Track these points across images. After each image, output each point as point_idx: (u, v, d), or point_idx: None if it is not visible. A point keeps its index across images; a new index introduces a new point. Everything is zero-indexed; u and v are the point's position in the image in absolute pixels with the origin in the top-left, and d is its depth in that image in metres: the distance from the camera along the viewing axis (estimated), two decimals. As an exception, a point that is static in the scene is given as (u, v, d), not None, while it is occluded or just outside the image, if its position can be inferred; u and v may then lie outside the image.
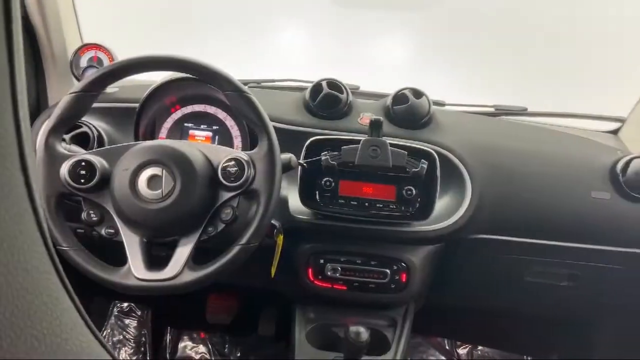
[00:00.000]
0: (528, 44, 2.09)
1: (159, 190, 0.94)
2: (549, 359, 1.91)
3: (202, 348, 1.96)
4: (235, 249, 0.94)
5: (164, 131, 1.28)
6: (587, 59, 2.02)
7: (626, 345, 1.56)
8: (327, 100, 1.32)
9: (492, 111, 1.56)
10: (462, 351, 2.02)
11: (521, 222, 1.30)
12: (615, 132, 1.57)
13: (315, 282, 1.27)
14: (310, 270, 1.27)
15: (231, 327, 1.95)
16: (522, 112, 1.55)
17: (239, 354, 1.94)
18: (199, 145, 1.02)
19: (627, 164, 1.28)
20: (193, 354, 1.95)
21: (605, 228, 1.29)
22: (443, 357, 1.99)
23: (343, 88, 1.35)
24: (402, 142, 1.20)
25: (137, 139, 1.25)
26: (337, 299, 1.30)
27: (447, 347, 2.03)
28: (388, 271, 1.26)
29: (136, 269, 0.93)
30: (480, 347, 2.02)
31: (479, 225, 1.27)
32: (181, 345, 1.97)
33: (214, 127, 1.29)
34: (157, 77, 1.24)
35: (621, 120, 1.55)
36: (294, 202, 1.21)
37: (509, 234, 1.31)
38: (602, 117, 1.59)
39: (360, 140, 1.14)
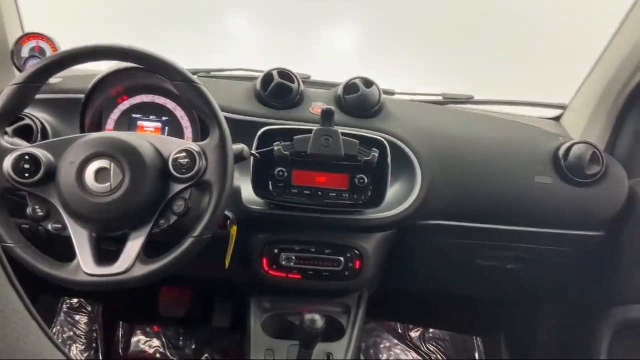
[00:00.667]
0: (474, 34, 2.13)
1: (107, 184, 0.91)
2: (497, 339, 1.98)
3: (155, 342, 1.94)
4: (188, 241, 0.93)
5: (110, 123, 1.25)
6: (531, 48, 2.09)
7: (569, 325, 1.63)
8: (279, 90, 1.31)
9: (439, 99, 1.60)
10: (414, 334, 2.06)
11: (469, 207, 1.34)
12: (557, 118, 1.63)
13: (270, 271, 1.27)
14: (264, 260, 1.27)
15: (185, 319, 1.93)
16: (469, 100, 1.60)
17: (193, 346, 1.93)
18: (148, 137, 1.00)
19: (569, 149, 1.34)
20: (147, 348, 1.92)
21: (548, 211, 1.34)
22: (396, 341, 2.03)
23: (294, 77, 1.34)
24: (353, 131, 1.22)
25: (82, 131, 1.22)
26: (292, 288, 1.31)
27: (399, 331, 2.07)
28: (342, 259, 1.27)
29: (85, 265, 0.91)
30: (431, 330, 2.07)
31: (429, 211, 1.30)
32: (134, 339, 1.94)
33: (164, 118, 1.26)
34: (103, 67, 1.20)
35: (563, 107, 1.61)
36: (247, 192, 1.21)
37: (458, 219, 1.35)
38: (544, 104, 1.65)
39: (312, 129, 1.15)
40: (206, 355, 1.90)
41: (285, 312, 1.32)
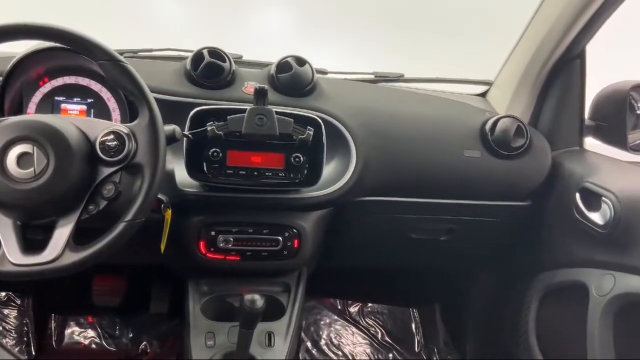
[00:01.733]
0: (403, 15, 2.17)
1: (31, 169, 0.87)
2: (432, 309, 2.05)
3: (90, 332, 1.88)
4: (120, 226, 0.90)
5: (32, 106, 1.19)
6: (458, 28, 2.14)
7: (500, 292, 1.71)
8: (210, 70, 1.28)
9: (371, 78, 1.62)
10: (354, 309, 2.11)
11: (403, 183, 1.37)
12: (483, 94, 1.68)
13: (208, 254, 1.26)
14: (201, 243, 1.25)
15: (121, 307, 1.88)
16: (399, 78, 1.63)
17: (131, 335, 1.89)
18: (72, 119, 0.96)
19: (495, 123, 1.39)
20: (81, 339, 1.87)
21: (477, 184, 1.39)
22: (336, 317, 2.07)
23: (225, 56, 1.32)
24: (287, 110, 1.21)
25: (1, 115, 1.15)
26: (230, 269, 1.30)
27: (339, 307, 2.11)
28: (280, 238, 1.27)
29: (11, 254, 0.87)
30: (370, 304, 2.12)
31: (364, 188, 1.32)
32: (68, 331, 1.88)
33: (89, 100, 1.21)
34: (22, 47, 1.14)
35: (489, 84, 1.67)
36: (181, 175, 1.18)
37: (392, 194, 1.38)
38: (471, 81, 1.71)
39: (246, 109, 1.13)
40: (144, 342, 1.86)
41: (224, 294, 1.31)
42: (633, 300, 1.15)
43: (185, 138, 1.12)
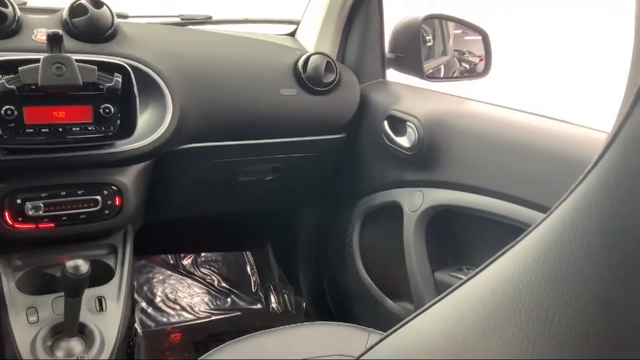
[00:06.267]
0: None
1: None
2: (265, 249, 2.11)
3: None
4: None
5: None
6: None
7: (326, 222, 1.81)
8: (-11, 17, 1.12)
9: (178, 21, 1.55)
10: (187, 262, 2.08)
11: (222, 126, 1.35)
12: (292, 34, 1.71)
13: (15, 225, 1.13)
14: (6, 213, 1.12)
15: None
16: (207, 20, 1.58)
17: None
18: None
19: (306, 61, 1.42)
20: None
21: (295, 121, 1.43)
22: (169, 272, 2.03)
23: (7, 2, 1.15)
24: (89, 57, 1.11)
25: None
26: (45, 238, 1.19)
27: (172, 262, 2.06)
28: (99, 198, 1.19)
29: None
30: (203, 254, 2.11)
31: (185, 135, 1.28)
32: None
33: None
34: None
35: (296, 23, 1.70)
36: (-31, 139, 1.03)
37: (213, 139, 1.36)
38: (279, 21, 1.72)
39: (39, 59, 1.01)
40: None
41: (42, 265, 1.20)
42: (439, 211, 1.30)
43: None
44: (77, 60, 1.03)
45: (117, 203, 1.21)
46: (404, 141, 1.36)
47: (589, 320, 0.29)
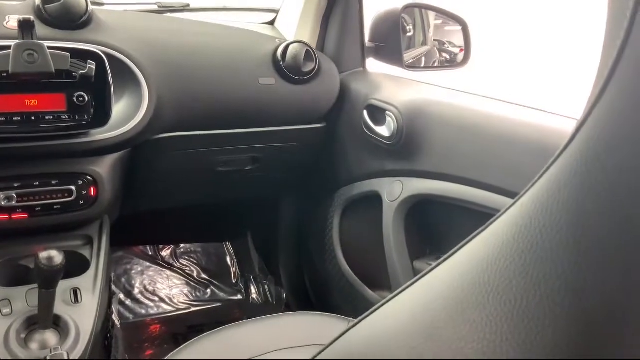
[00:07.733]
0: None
1: None
2: (245, 240, 2.10)
3: None
4: None
5: None
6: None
7: (305, 212, 1.80)
8: (-44, 2, 1.09)
9: (155, 9, 1.53)
10: (166, 253, 2.06)
11: (200, 116, 1.33)
12: (271, 22, 1.69)
13: (-13, 216, 1.11)
14: (-23, 204, 1.10)
15: None
16: (185, 8, 1.57)
17: None
18: None
19: (285, 50, 1.41)
20: None
21: (274, 111, 1.42)
22: (148, 264, 2.00)
23: (-25, -13, 1.12)
24: (62, 44, 1.09)
25: None
26: (19, 229, 1.17)
27: (150, 254, 2.04)
28: (73, 188, 1.17)
29: None
30: (182, 245, 2.09)
31: (162, 124, 1.26)
32: None
33: None
34: None
35: (275, 11, 1.68)
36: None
37: (191, 129, 1.34)
38: (258, 9, 1.71)
39: (10, 45, 0.98)
40: None
41: (15, 256, 1.18)
42: (418, 200, 1.30)
43: None
44: (49, 48, 1.00)
45: (92, 193, 1.19)
46: (383, 130, 1.36)
47: (557, 303, 0.28)
